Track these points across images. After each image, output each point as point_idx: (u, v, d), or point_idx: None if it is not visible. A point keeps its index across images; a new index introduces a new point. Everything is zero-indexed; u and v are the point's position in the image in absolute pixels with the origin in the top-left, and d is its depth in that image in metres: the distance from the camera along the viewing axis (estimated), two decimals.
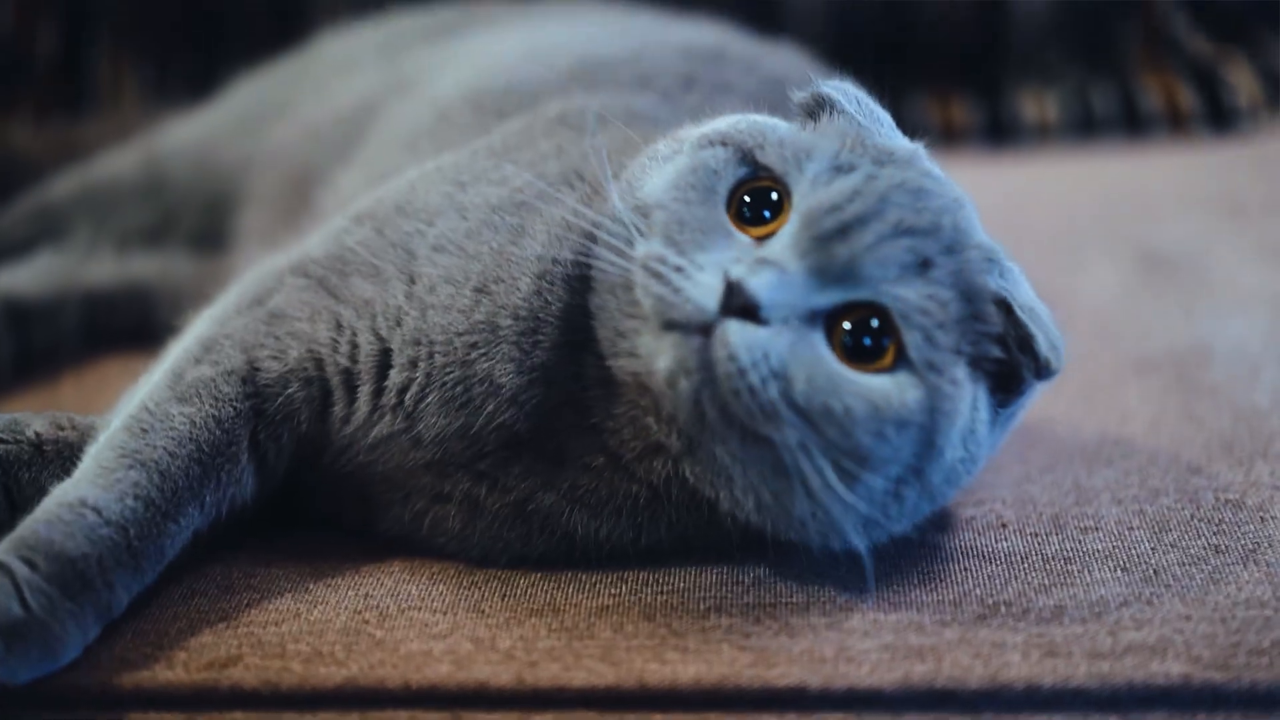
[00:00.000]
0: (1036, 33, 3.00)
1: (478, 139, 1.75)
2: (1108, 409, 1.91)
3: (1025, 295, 1.48)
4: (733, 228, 1.44)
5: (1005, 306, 1.45)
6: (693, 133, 1.53)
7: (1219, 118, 2.95)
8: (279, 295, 1.60)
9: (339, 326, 1.57)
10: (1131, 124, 2.94)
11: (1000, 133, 2.93)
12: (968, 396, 1.44)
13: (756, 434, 1.39)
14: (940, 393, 1.41)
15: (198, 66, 2.85)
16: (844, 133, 1.49)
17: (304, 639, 1.46)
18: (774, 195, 1.45)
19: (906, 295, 1.40)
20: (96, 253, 2.23)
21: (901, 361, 1.41)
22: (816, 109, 1.53)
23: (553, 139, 1.68)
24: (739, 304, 1.37)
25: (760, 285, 1.37)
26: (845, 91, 1.54)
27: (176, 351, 1.61)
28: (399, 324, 1.55)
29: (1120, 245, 2.44)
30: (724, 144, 1.49)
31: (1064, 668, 1.41)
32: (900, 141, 1.52)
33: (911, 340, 1.40)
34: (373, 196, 1.68)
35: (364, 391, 1.56)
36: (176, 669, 1.43)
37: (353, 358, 1.56)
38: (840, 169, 1.44)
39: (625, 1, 2.44)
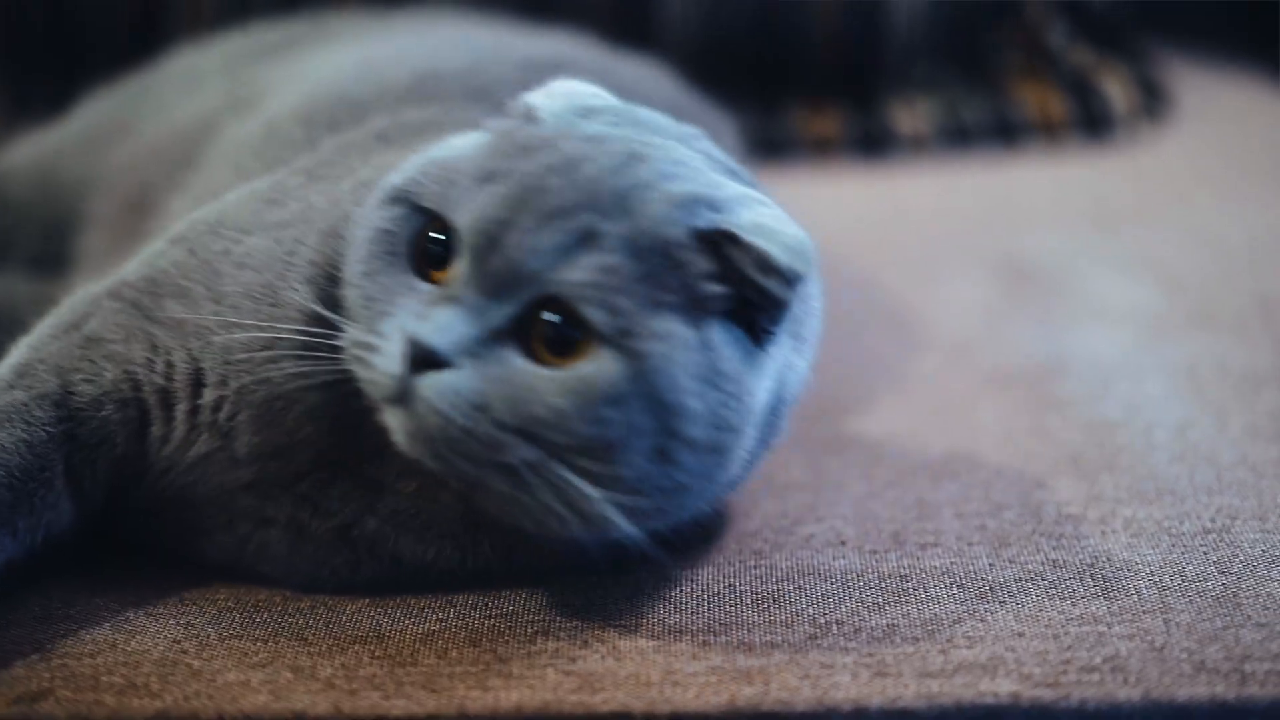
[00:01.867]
0: (910, 44, 2.98)
1: (305, 155, 1.72)
2: (959, 425, 1.90)
3: (748, 215, 1.42)
4: (418, 282, 1.42)
5: (725, 237, 1.39)
6: (381, 188, 1.49)
7: (1094, 127, 2.94)
8: (94, 319, 1.57)
9: (154, 347, 1.54)
10: (1006, 134, 2.92)
11: (873, 144, 2.90)
12: (686, 343, 1.38)
13: (501, 464, 1.38)
14: (643, 353, 1.36)
15: (59, 86, 2.76)
16: (498, 133, 1.45)
17: (118, 670, 1.43)
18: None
19: (573, 276, 1.36)
20: None
21: (597, 340, 1.37)
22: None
23: (366, 156, 1.65)
24: (420, 358, 1.36)
25: (430, 331, 1.36)
26: (552, 93, 1.49)
27: None
28: (208, 342, 1.53)
29: (985, 259, 2.42)
30: (395, 200, 1.45)
31: (893, 688, 1.40)
32: (554, 107, 1.47)
33: (595, 317, 1.36)
34: (190, 218, 1.66)
35: (180, 410, 1.53)
36: None
37: (168, 376, 1.53)
38: (486, 179, 1.41)
39: (484, 14, 2.42)
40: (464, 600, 1.52)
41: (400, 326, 1.38)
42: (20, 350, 1.59)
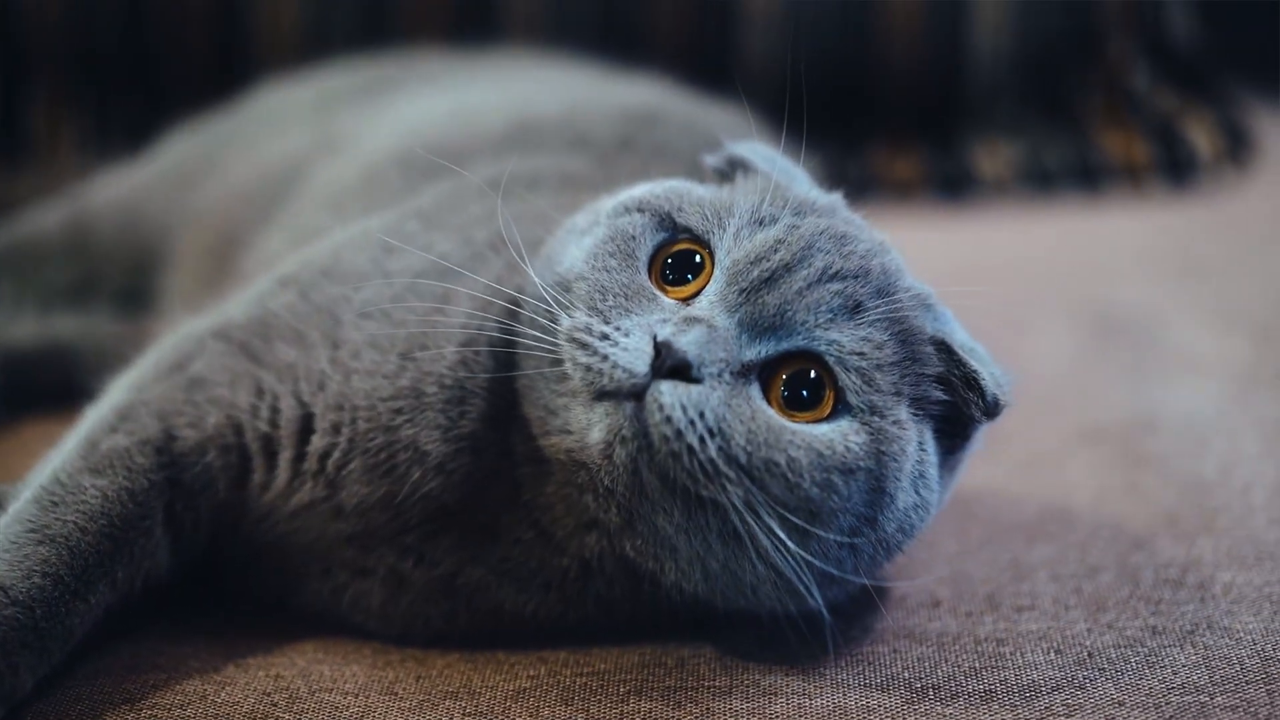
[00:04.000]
0: (993, 86, 2.96)
1: (407, 200, 1.71)
2: (1051, 480, 1.88)
3: (962, 336, 1.47)
4: (656, 291, 1.42)
5: (944, 347, 1.43)
6: (609, 203, 1.50)
7: (1178, 172, 2.91)
8: (199, 361, 1.56)
9: (260, 391, 1.53)
10: (1088, 178, 2.90)
11: (954, 186, 2.89)
12: (913, 438, 1.41)
13: (700, 498, 1.36)
14: (885, 435, 1.38)
15: (138, 116, 2.79)
16: (763, 188, 1.48)
17: None
18: (697, 258, 1.44)
19: (840, 339, 1.38)
20: (19, 311, 2.19)
21: (841, 407, 1.38)
22: (731, 171, 1.53)
23: (483, 204, 1.65)
24: (670, 364, 1.34)
25: (689, 342, 1.35)
26: (758, 151, 1.54)
27: (91, 419, 1.57)
28: (322, 388, 1.52)
29: (1071, 307, 2.40)
30: (640, 210, 1.47)
31: None
32: (819, 193, 1.51)
33: (850, 384, 1.38)
34: (297, 259, 1.65)
35: (284, 458, 1.52)
36: None
37: (273, 423, 1.52)
38: (762, 222, 1.43)
39: (569, 56, 2.41)
40: (556, 657, 1.51)
41: (646, 327, 1.37)
42: (121, 390, 1.58)
